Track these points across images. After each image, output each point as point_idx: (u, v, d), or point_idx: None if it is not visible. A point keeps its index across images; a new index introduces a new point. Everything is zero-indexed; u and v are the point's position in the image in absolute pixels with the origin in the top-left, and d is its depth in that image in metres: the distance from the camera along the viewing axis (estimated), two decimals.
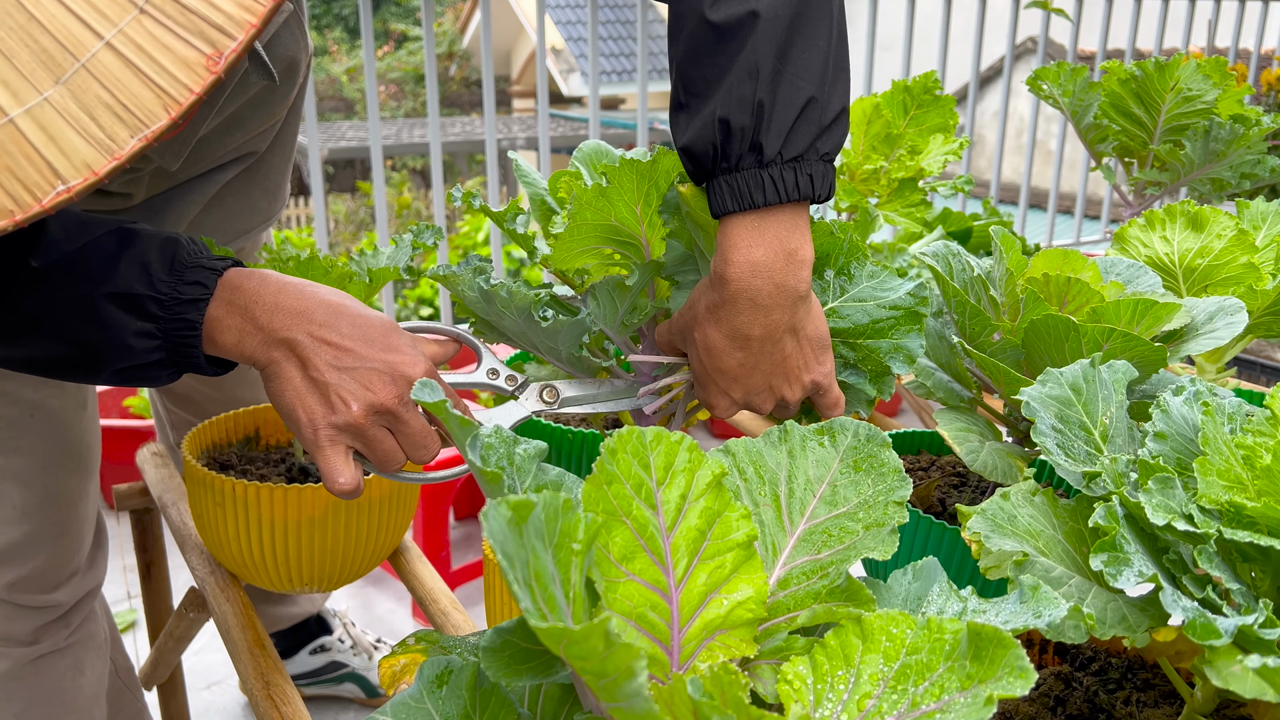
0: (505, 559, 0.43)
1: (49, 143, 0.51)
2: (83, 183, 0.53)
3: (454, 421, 0.56)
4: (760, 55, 0.77)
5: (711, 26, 0.78)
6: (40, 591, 1.13)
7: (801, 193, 0.79)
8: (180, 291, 0.81)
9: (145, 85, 0.52)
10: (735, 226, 0.80)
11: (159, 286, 0.80)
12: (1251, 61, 4.21)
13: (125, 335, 0.80)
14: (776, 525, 0.63)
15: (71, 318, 0.80)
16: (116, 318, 0.79)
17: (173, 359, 0.82)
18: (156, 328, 0.80)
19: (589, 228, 0.84)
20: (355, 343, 0.82)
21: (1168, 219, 1.12)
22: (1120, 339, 0.84)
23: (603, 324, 0.89)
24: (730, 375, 0.86)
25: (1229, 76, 1.37)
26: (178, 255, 0.81)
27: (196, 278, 0.81)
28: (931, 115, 1.42)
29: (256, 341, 0.82)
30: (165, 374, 0.83)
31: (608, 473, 0.56)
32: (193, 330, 0.81)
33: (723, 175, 0.79)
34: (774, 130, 0.78)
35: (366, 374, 0.82)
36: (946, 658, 0.51)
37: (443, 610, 1.06)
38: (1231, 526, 0.60)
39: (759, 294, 0.80)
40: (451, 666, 0.56)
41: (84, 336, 0.80)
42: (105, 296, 0.79)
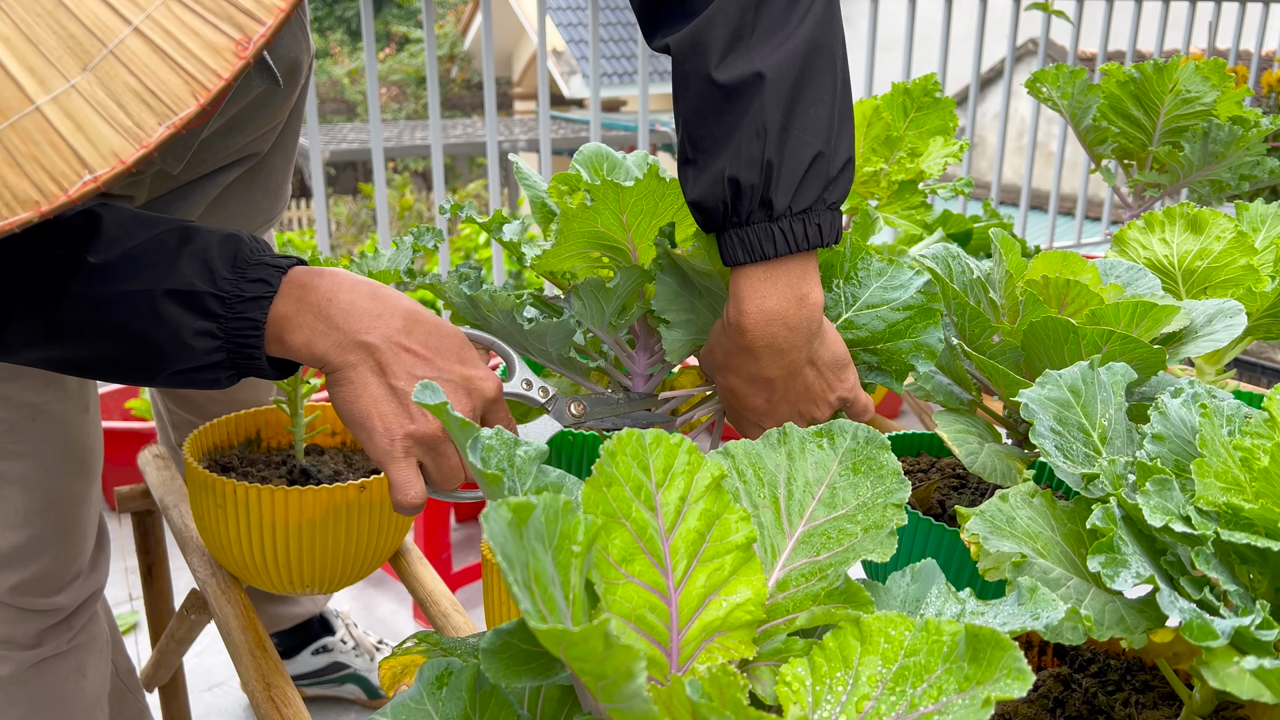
0: (505, 561, 0.43)
1: (76, 131, 0.50)
2: (110, 172, 0.51)
3: (454, 423, 0.56)
4: (767, 115, 0.78)
5: (717, 87, 0.79)
6: (43, 595, 1.13)
7: (810, 242, 0.80)
8: (243, 289, 0.78)
9: (174, 71, 0.51)
10: (748, 277, 0.81)
11: (220, 284, 0.77)
12: (1252, 63, 4.21)
13: (184, 334, 0.77)
14: (775, 527, 0.63)
15: (129, 315, 0.77)
16: (176, 315, 0.77)
17: (233, 359, 0.79)
18: (217, 326, 0.77)
19: (576, 236, 0.85)
20: (433, 353, 0.80)
21: (1167, 221, 1.13)
22: (1119, 341, 0.84)
23: (589, 323, 0.89)
24: (759, 412, 0.88)
25: (1228, 78, 1.37)
26: (240, 252, 0.79)
27: (260, 275, 0.79)
28: (931, 118, 1.42)
29: (330, 343, 0.79)
30: (225, 376, 0.80)
31: (607, 475, 0.56)
32: (255, 330, 0.78)
33: (733, 229, 0.81)
34: (783, 187, 0.79)
35: (445, 385, 0.81)
36: (944, 659, 0.51)
37: (443, 612, 1.07)
38: (1229, 528, 0.61)
39: (775, 340, 0.82)
40: (451, 668, 0.56)
41: (142, 335, 0.78)
42: (165, 294, 0.76)
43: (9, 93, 0.49)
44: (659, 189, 0.82)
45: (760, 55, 0.78)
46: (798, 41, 0.79)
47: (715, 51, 0.78)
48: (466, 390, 0.82)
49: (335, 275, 0.81)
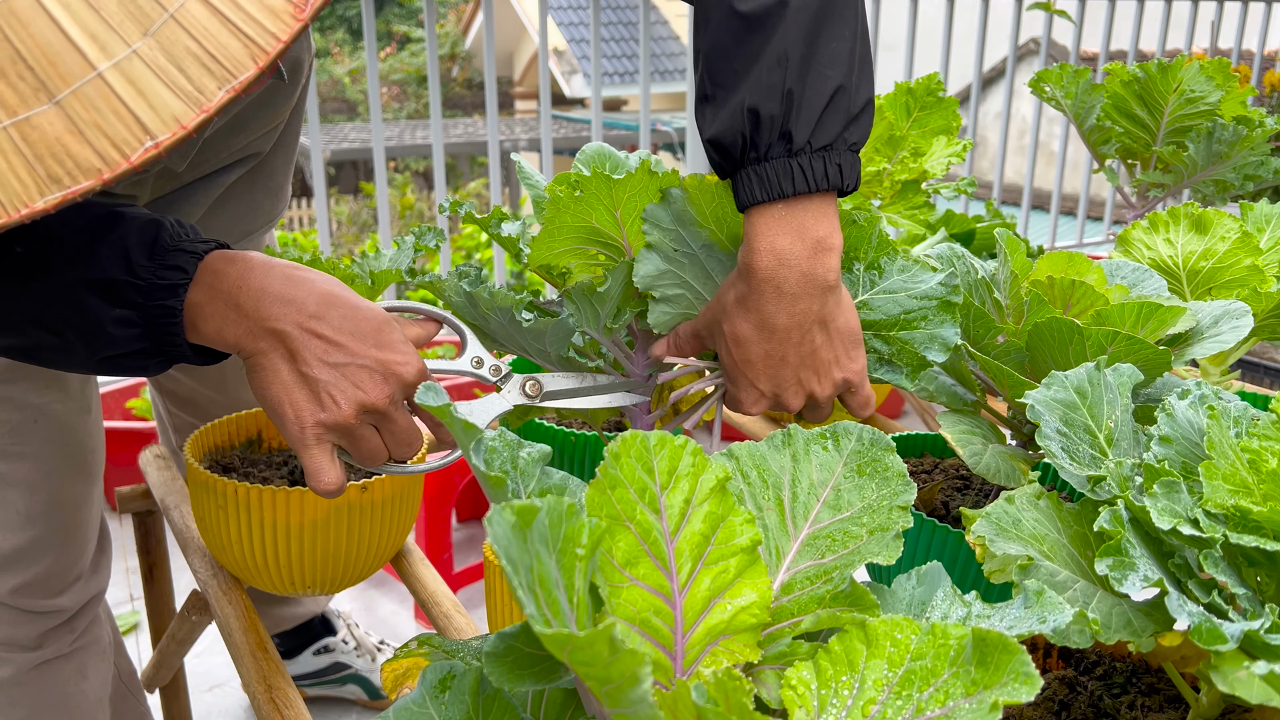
0: (509, 564, 0.43)
1: (137, 97, 0.49)
2: (171, 137, 0.51)
3: (458, 426, 0.56)
4: (789, 43, 0.76)
5: (740, 16, 0.77)
6: (45, 596, 1.13)
7: (830, 182, 0.78)
8: (159, 276, 0.77)
9: (233, 35, 0.51)
10: (762, 216, 0.79)
11: (138, 272, 0.76)
12: (1255, 63, 4.20)
13: (105, 323, 0.76)
14: (780, 530, 0.63)
15: (54, 305, 0.77)
16: (95, 305, 0.76)
17: (156, 347, 0.78)
18: (136, 314, 0.76)
19: (568, 229, 0.84)
20: (347, 337, 0.79)
21: (1171, 221, 1.12)
22: (1125, 342, 0.83)
23: (585, 326, 0.89)
24: (758, 367, 0.84)
25: (1232, 78, 1.36)
26: (159, 239, 0.78)
27: (176, 262, 0.77)
28: (934, 117, 1.41)
29: (241, 330, 0.78)
30: (153, 363, 0.80)
31: (611, 477, 0.56)
32: (172, 318, 0.77)
33: (751, 165, 0.79)
34: (803, 118, 0.77)
35: (358, 371, 0.79)
36: (951, 663, 0.51)
37: (445, 613, 1.06)
38: (1237, 531, 0.60)
39: (785, 282, 0.79)
40: (454, 671, 0.56)
41: (67, 324, 0.77)
42: (85, 283, 0.76)
43: (71, 59, 0.48)
44: (652, 183, 0.81)
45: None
46: None
47: None
48: (383, 375, 0.80)
49: (247, 260, 0.79)
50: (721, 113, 0.79)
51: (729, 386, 0.89)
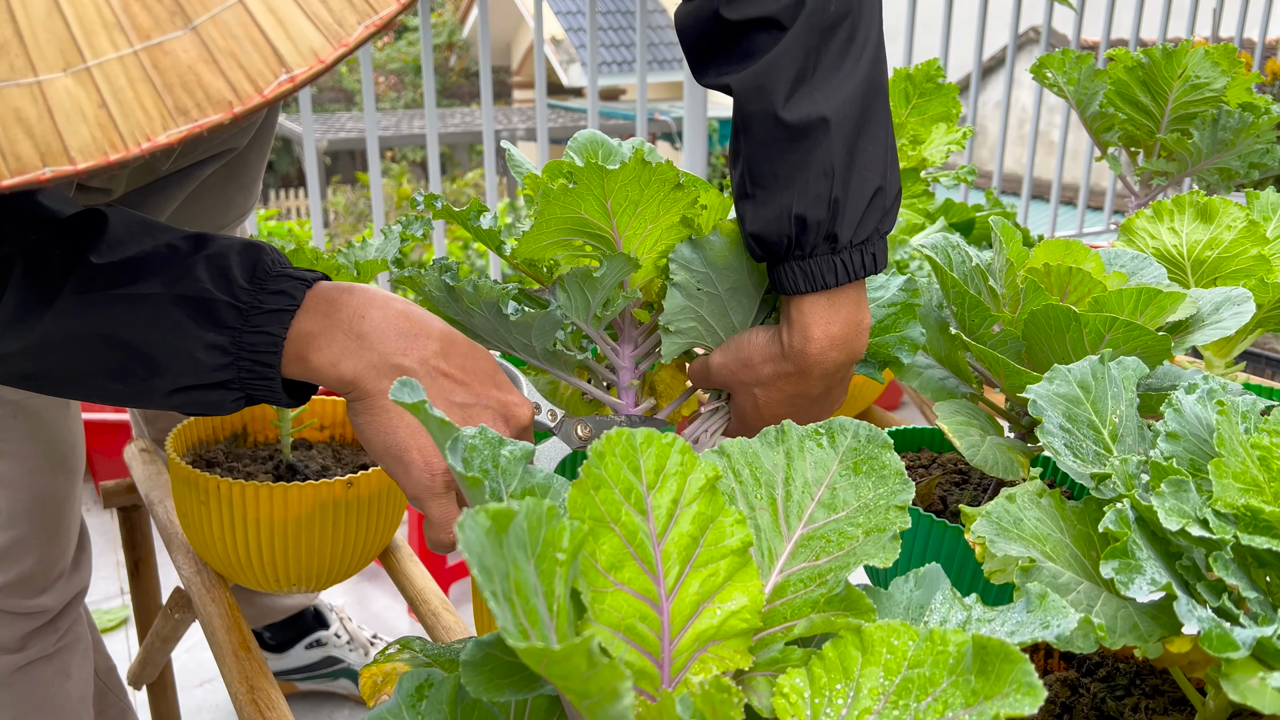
0: (482, 572, 0.41)
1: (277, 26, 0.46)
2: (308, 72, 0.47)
3: (433, 423, 0.54)
4: (834, 155, 0.79)
5: (784, 126, 0.79)
6: (28, 596, 1.11)
7: (866, 270, 0.83)
8: (262, 301, 0.70)
9: None
10: (811, 305, 0.83)
11: (238, 293, 0.70)
12: (1257, 51, 4.17)
13: (193, 345, 0.69)
14: (773, 530, 0.61)
15: (131, 322, 0.69)
16: (184, 325, 0.68)
17: (243, 379, 0.71)
18: (230, 341, 0.69)
19: (557, 221, 0.82)
20: (470, 376, 0.76)
21: (1176, 210, 1.10)
22: (1123, 329, 0.81)
23: (574, 316, 0.87)
24: (778, 419, 0.87)
25: (1238, 64, 1.34)
26: (260, 262, 0.72)
27: (282, 287, 0.71)
28: (934, 104, 1.39)
29: (363, 364, 0.72)
30: (230, 399, 0.72)
31: (595, 477, 0.53)
32: (273, 347, 0.70)
33: (795, 261, 0.82)
34: (847, 221, 0.81)
35: (482, 413, 0.76)
36: (950, 672, 0.49)
37: (433, 611, 1.04)
38: (1248, 532, 0.58)
39: (833, 365, 0.84)
40: (432, 679, 0.54)
41: (142, 345, 0.69)
42: (175, 299, 0.68)
43: None
44: (645, 174, 0.79)
45: (824, 96, 0.79)
46: (857, 82, 0.81)
47: (780, 94, 0.79)
48: (504, 417, 0.77)
49: (366, 291, 0.75)
50: (764, 211, 0.82)
51: (742, 429, 0.91)
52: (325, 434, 1.22)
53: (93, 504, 2.47)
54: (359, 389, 0.73)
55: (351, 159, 13.97)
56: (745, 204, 0.83)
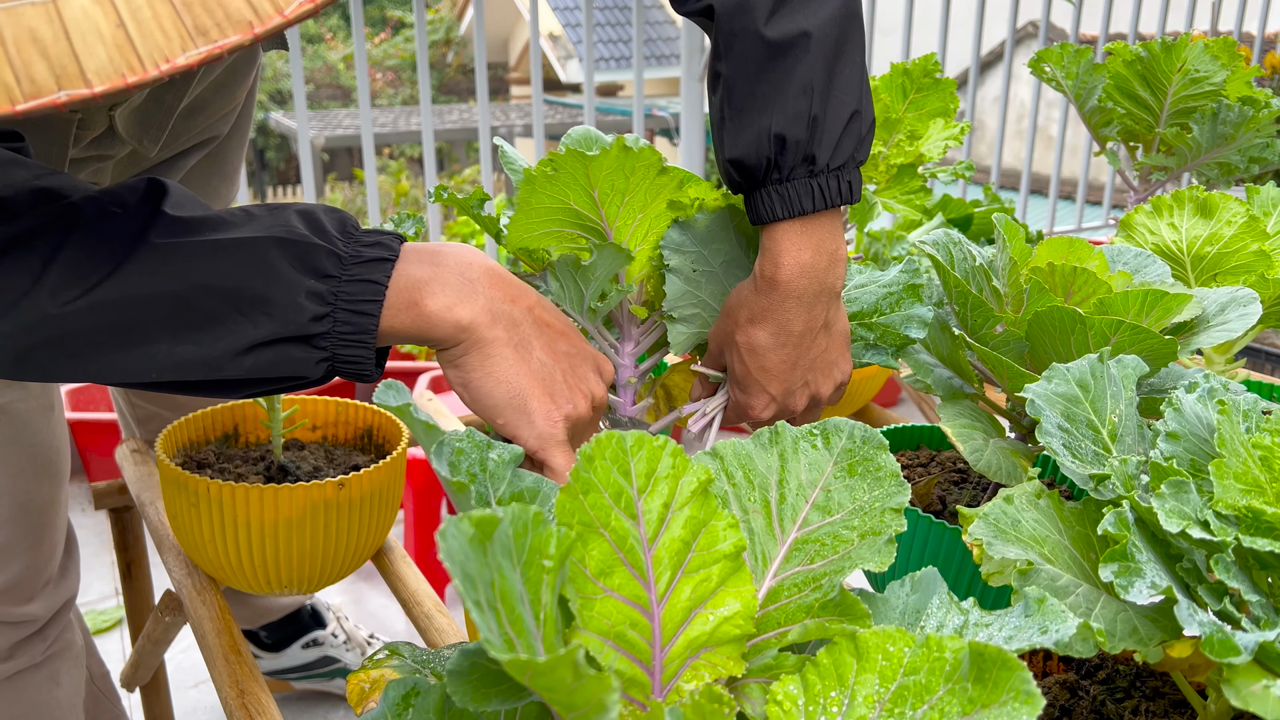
0: (465, 581, 0.40)
1: None
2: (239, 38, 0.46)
3: (419, 426, 0.53)
4: (814, 72, 0.79)
5: (766, 43, 0.79)
6: (15, 604, 1.10)
7: (842, 197, 0.82)
8: (361, 251, 0.69)
9: None
10: (784, 233, 0.82)
11: (336, 242, 0.68)
12: (1256, 45, 4.16)
13: (296, 291, 0.65)
14: (767, 533, 0.60)
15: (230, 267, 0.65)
16: (284, 270, 0.65)
17: (336, 335, 0.68)
18: (329, 289, 0.66)
19: (544, 210, 0.81)
20: (569, 329, 0.77)
21: (1175, 205, 1.08)
22: (1128, 331, 0.80)
23: (568, 307, 0.86)
24: (771, 372, 0.87)
25: (1238, 57, 1.32)
26: (348, 220, 0.71)
27: (378, 238, 0.70)
28: (931, 99, 1.38)
29: (479, 308, 0.70)
30: (315, 359, 0.68)
31: (584, 481, 0.52)
32: (375, 295, 0.68)
33: (773, 185, 0.81)
34: (825, 142, 0.81)
35: (582, 362, 0.77)
36: (947, 679, 0.48)
37: (426, 613, 1.03)
38: (1250, 534, 0.57)
39: (805, 292, 0.83)
40: (419, 687, 0.53)
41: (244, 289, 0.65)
42: (276, 242, 0.65)
43: None
44: (628, 160, 0.78)
45: (805, 14, 0.79)
46: (837, 3, 0.81)
47: (763, 11, 0.79)
48: (597, 371, 0.79)
49: (459, 246, 0.75)
50: (744, 135, 0.81)
51: (739, 395, 0.90)
52: (317, 434, 1.21)
53: (87, 504, 2.46)
54: (474, 334, 0.71)
55: (349, 155, 13.94)
56: (724, 129, 0.83)
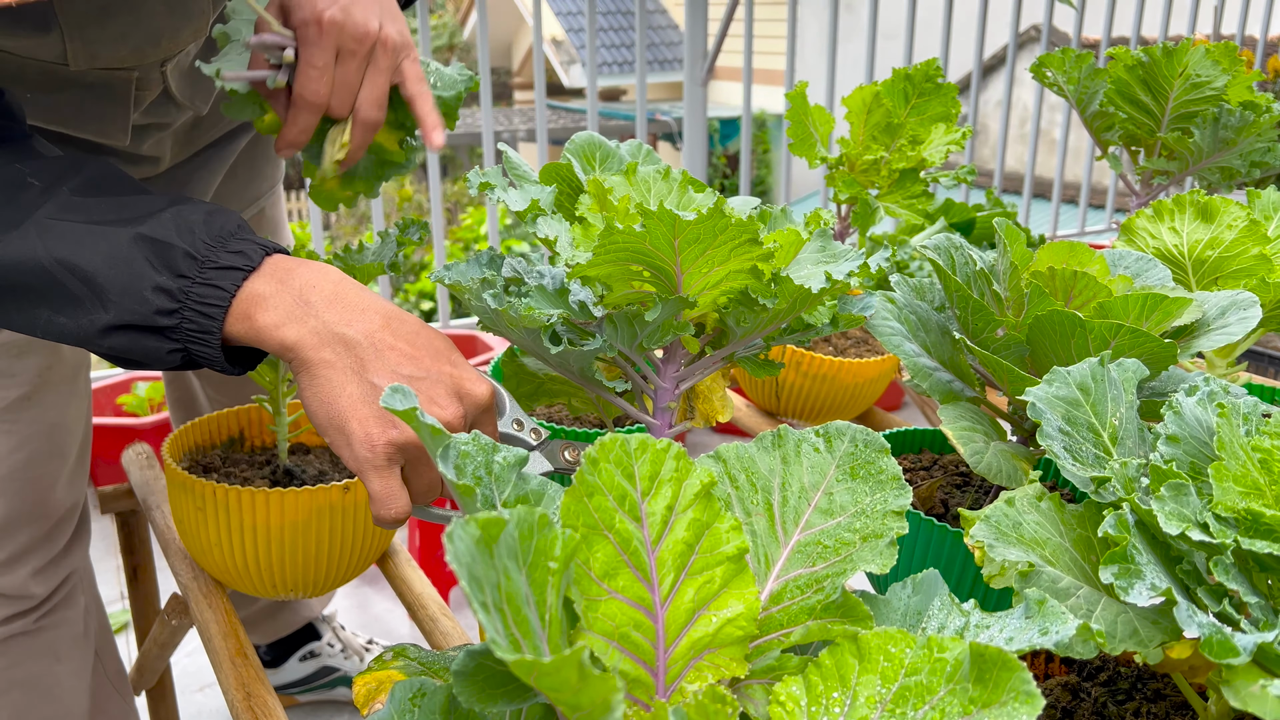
0: (471, 582, 0.40)
1: None
2: None
3: (425, 430, 0.53)
4: None
5: None
6: (13, 578, 1.12)
7: None
8: (219, 257, 0.72)
9: None
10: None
11: (198, 245, 0.72)
12: (1258, 49, 4.16)
13: (144, 285, 0.71)
14: (769, 536, 0.60)
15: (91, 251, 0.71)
16: (139, 264, 0.71)
17: (185, 331, 0.72)
18: (179, 288, 0.71)
19: (619, 250, 0.77)
20: (420, 350, 0.75)
21: (1176, 209, 1.09)
22: (1129, 335, 0.80)
23: (619, 345, 0.84)
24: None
25: (1239, 62, 1.33)
26: (227, 226, 0.74)
27: (241, 248, 0.73)
28: (933, 104, 1.38)
29: (307, 330, 0.72)
30: (168, 349, 0.73)
31: (588, 484, 0.53)
32: (221, 301, 0.72)
33: None
34: None
35: (432, 385, 0.74)
36: (948, 680, 0.48)
37: (431, 616, 1.03)
38: (1249, 536, 0.57)
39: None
40: (425, 689, 0.53)
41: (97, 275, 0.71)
42: (136, 237, 0.71)
43: None
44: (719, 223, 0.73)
45: None
46: None
47: None
48: (457, 394, 0.76)
49: (321, 266, 0.76)
50: None
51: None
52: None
53: (93, 509, 2.47)
54: (299, 355, 0.73)
55: None
56: None
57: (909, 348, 0.94)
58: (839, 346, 1.47)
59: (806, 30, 8.04)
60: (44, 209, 0.72)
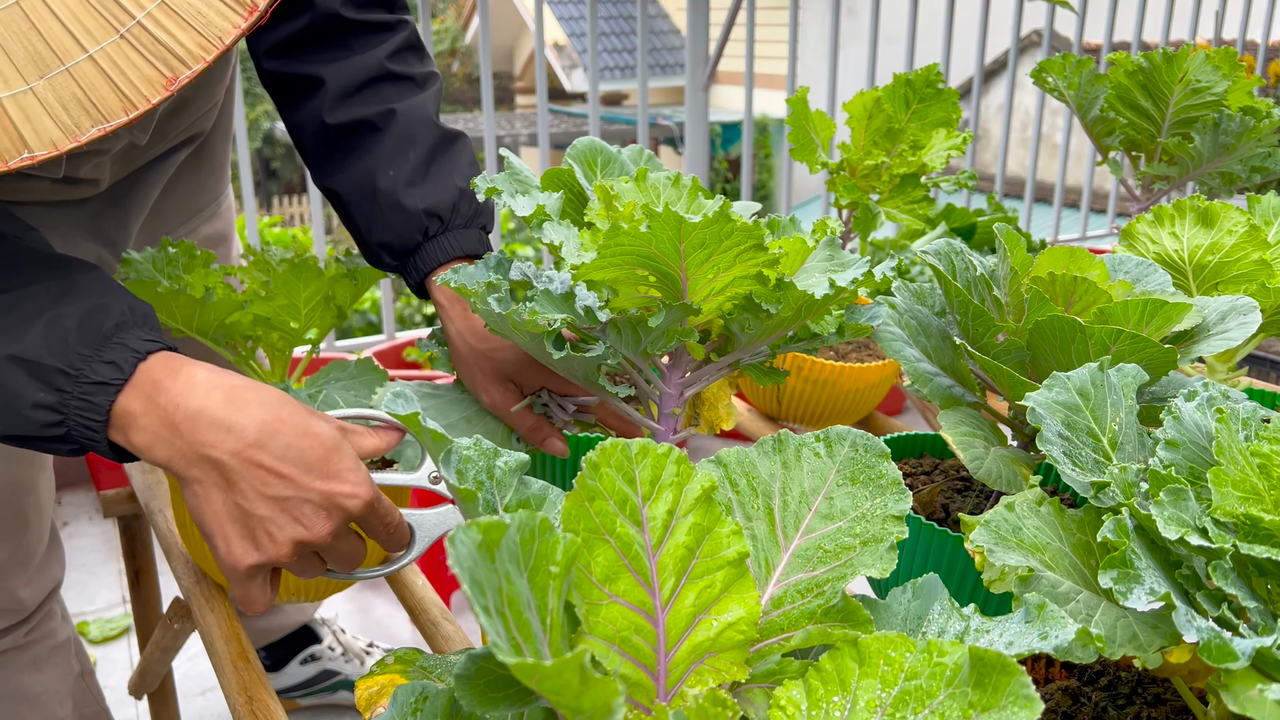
0: (473, 586, 0.40)
1: (25, 121, 0.61)
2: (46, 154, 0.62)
3: (427, 435, 0.54)
4: None
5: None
6: (4, 588, 1.12)
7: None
8: (93, 370, 0.73)
9: (113, 91, 0.62)
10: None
11: (71, 359, 0.72)
12: (1259, 53, 4.17)
13: (21, 403, 0.72)
14: (770, 540, 0.60)
15: None
16: (18, 383, 0.72)
17: (73, 438, 0.74)
18: (58, 401, 0.72)
19: (625, 254, 0.76)
20: (291, 467, 0.74)
21: (1177, 214, 1.09)
22: (1129, 341, 0.80)
23: (623, 350, 0.84)
24: None
25: (1239, 67, 1.33)
26: (103, 327, 0.74)
27: (114, 357, 0.73)
28: (934, 109, 1.39)
29: (173, 452, 0.74)
30: (65, 449, 0.76)
31: (589, 488, 0.53)
32: (99, 415, 0.73)
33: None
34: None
35: (300, 505, 0.74)
36: (947, 684, 0.48)
37: (433, 621, 1.04)
38: (1248, 541, 0.57)
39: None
40: (426, 692, 0.53)
41: None
42: (9, 358, 0.72)
43: None
44: (724, 228, 0.73)
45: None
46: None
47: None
48: (326, 510, 0.75)
49: (191, 377, 0.75)
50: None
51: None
52: None
53: (94, 513, 2.47)
54: (175, 471, 0.75)
55: None
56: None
57: (910, 353, 0.94)
58: (840, 351, 1.48)
59: (807, 35, 8.06)
60: None
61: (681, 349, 0.88)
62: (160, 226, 1.23)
